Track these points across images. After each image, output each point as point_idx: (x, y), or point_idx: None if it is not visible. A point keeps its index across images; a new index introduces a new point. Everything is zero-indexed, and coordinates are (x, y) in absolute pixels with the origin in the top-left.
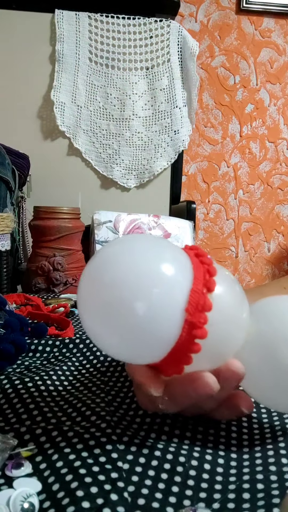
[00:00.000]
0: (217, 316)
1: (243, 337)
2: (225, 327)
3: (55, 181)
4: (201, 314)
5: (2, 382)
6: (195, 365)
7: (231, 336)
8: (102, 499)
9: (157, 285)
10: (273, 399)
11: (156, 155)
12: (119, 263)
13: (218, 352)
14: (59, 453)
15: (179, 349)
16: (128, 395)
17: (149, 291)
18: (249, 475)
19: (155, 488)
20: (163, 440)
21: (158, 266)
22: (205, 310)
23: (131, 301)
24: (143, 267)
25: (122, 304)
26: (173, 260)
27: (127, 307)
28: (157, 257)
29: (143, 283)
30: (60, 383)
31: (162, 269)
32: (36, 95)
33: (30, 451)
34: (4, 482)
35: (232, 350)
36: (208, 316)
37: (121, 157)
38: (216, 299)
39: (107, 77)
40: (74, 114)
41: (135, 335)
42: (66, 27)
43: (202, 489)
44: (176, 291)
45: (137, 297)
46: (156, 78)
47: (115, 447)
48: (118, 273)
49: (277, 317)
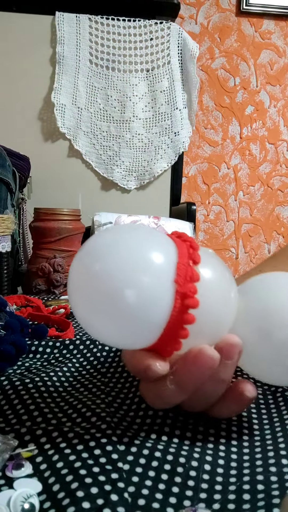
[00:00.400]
0: (206, 289)
1: (234, 312)
2: (215, 300)
3: (55, 182)
4: (190, 284)
5: (2, 383)
6: (192, 342)
7: (222, 310)
8: (102, 500)
9: (146, 267)
10: (267, 372)
11: (156, 157)
12: (107, 252)
13: (212, 327)
14: (60, 454)
15: (174, 323)
16: (128, 396)
17: (137, 274)
18: (249, 476)
19: (155, 488)
20: (163, 440)
21: (145, 250)
22: (193, 280)
23: (121, 287)
24: (131, 254)
25: (112, 292)
26: (157, 243)
27: (118, 294)
28: (143, 243)
29: (132, 267)
30: (61, 384)
31: (149, 252)
32: (37, 97)
33: (30, 451)
34: (4, 483)
35: (225, 326)
36: (198, 288)
37: (122, 158)
38: (203, 272)
39: (107, 79)
40: (74, 116)
41: (128, 320)
42: (66, 29)
43: (202, 489)
44: (163, 267)
45: (126, 281)
46: (157, 80)
47: (115, 448)
48: (107, 262)
49: (264, 291)
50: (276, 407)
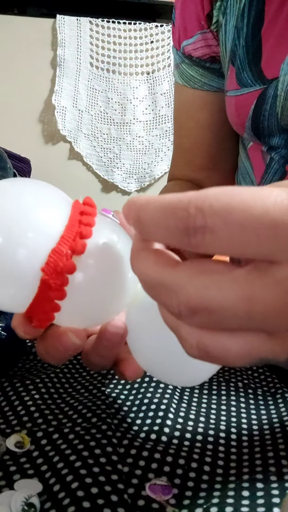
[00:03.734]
0: (88, 265)
1: (127, 295)
2: (97, 279)
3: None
4: (59, 275)
5: (3, 385)
6: (67, 321)
7: (106, 296)
8: (102, 500)
9: (23, 234)
10: (156, 365)
11: (156, 159)
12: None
13: (90, 311)
14: (60, 455)
15: (39, 303)
16: (128, 397)
17: (15, 239)
18: (248, 475)
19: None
20: (163, 441)
21: (30, 213)
22: (65, 272)
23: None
24: (15, 213)
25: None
26: (48, 210)
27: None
28: (33, 199)
29: (11, 230)
30: (61, 386)
31: (33, 216)
32: (38, 100)
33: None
34: (5, 484)
35: (111, 310)
36: (77, 275)
37: (122, 161)
38: (92, 247)
39: (108, 81)
40: (75, 119)
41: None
42: (67, 32)
43: (201, 489)
44: (40, 244)
45: (6, 235)
46: (157, 83)
47: (115, 450)
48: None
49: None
50: (275, 407)
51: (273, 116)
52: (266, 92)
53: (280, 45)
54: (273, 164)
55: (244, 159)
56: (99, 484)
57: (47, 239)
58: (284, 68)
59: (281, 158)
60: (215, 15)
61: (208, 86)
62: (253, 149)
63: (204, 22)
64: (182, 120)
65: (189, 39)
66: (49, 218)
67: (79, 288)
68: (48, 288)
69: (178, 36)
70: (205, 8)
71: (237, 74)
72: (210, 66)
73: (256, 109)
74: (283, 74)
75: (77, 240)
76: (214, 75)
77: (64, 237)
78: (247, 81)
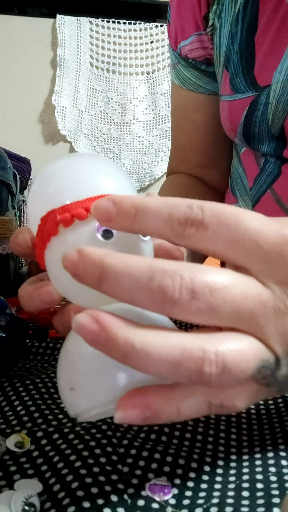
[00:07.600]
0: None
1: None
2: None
3: None
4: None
5: (3, 385)
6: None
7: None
8: (102, 500)
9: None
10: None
11: (156, 159)
12: (60, 176)
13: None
14: (60, 455)
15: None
16: None
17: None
18: (248, 475)
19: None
20: (163, 441)
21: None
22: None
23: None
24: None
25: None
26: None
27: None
28: (97, 171)
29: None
30: None
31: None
32: (38, 100)
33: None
34: (5, 484)
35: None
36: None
37: (122, 161)
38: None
39: (108, 81)
40: (75, 119)
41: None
42: (67, 32)
43: (201, 489)
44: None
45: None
46: (157, 83)
47: (115, 450)
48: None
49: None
50: (275, 408)
51: (264, 123)
52: (258, 99)
53: (273, 52)
54: (267, 166)
55: (237, 164)
56: (99, 484)
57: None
58: (276, 76)
59: (277, 160)
60: (211, 18)
61: (203, 89)
62: (245, 155)
63: (200, 23)
64: (178, 120)
65: (185, 39)
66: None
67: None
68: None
69: (175, 36)
70: (202, 10)
71: (231, 80)
72: (206, 69)
73: (248, 115)
74: (275, 82)
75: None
76: (209, 79)
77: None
78: (240, 87)
